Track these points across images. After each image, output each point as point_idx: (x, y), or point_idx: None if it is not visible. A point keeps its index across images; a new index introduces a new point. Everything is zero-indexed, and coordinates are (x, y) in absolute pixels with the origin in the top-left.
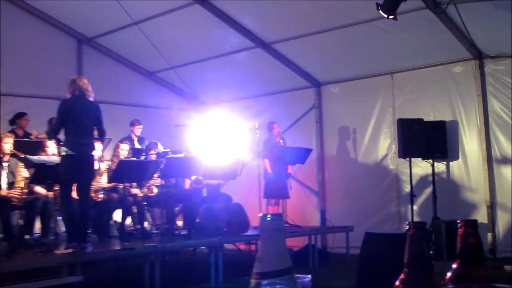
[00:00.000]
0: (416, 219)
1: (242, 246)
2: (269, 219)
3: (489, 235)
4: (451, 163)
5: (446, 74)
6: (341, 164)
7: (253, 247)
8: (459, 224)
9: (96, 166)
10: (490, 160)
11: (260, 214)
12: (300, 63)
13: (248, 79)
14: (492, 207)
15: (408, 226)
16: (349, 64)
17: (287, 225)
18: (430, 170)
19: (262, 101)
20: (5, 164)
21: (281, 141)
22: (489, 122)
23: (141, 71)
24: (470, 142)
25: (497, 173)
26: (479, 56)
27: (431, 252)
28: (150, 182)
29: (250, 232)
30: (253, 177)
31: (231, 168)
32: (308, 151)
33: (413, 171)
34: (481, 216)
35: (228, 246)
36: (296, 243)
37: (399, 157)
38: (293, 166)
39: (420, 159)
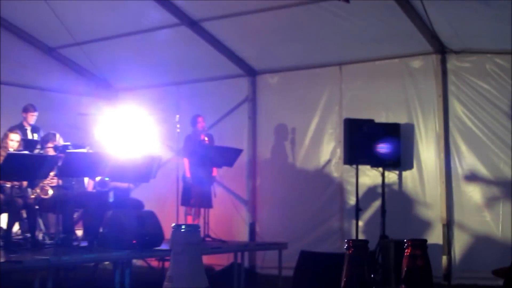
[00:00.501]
0: (361, 236)
1: (154, 263)
2: (183, 230)
3: (444, 258)
4: (404, 173)
5: (403, 69)
6: (276, 169)
7: (167, 264)
8: (406, 244)
9: None
10: (448, 172)
11: (173, 225)
12: (233, 47)
13: (169, 62)
14: (448, 225)
15: (347, 245)
16: (291, 51)
17: (209, 239)
18: (379, 180)
19: (186, 90)
20: None
21: (206, 138)
22: (450, 127)
23: (39, 45)
24: (427, 150)
25: (456, 187)
26: (441, 50)
27: (373, 276)
28: (44, 182)
29: (164, 246)
30: (171, 180)
31: (144, 169)
32: (238, 152)
33: (360, 180)
34: (436, 236)
35: (137, 262)
36: (219, 261)
37: (345, 163)
38: (219, 169)
39: (368, 166)
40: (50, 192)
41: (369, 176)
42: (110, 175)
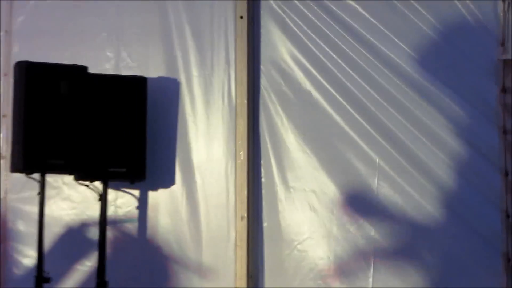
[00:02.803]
0: None
1: None
2: None
3: None
4: (154, 194)
5: None
6: None
7: None
8: None
9: None
10: (258, 197)
11: None
12: None
13: None
14: None
15: None
16: None
17: None
18: (95, 211)
19: None
20: None
21: None
22: (262, 91)
23: None
24: (209, 141)
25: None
26: None
27: None
28: None
29: None
30: None
31: None
32: None
33: (50, 210)
34: None
35: None
36: None
37: (13, 169)
38: None
39: (69, 178)
40: None
41: (74, 200)
42: None
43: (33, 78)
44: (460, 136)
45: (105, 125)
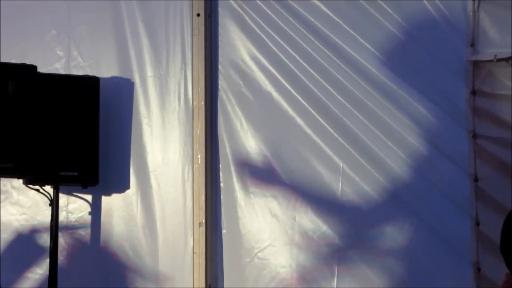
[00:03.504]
0: None
1: None
2: None
3: None
4: (107, 199)
5: None
6: None
7: None
8: None
9: None
10: (216, 192)
11: None
12: None
13: None
14: None
15: None
16: None
17: None
18: (46, 217)
19: None
20: None
21: None
22: (220, 93)
23: None
24: (168, 144)
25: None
26: None
27: None
28: None
29: None
30: None
31: None
32: None
33: None
34: None
35: None
36: None
37: None
38: None
39: (18, 182)
40: None
41: (24, 205)
42: None
43: None
44: (428, 141)
45: (56, 127)
